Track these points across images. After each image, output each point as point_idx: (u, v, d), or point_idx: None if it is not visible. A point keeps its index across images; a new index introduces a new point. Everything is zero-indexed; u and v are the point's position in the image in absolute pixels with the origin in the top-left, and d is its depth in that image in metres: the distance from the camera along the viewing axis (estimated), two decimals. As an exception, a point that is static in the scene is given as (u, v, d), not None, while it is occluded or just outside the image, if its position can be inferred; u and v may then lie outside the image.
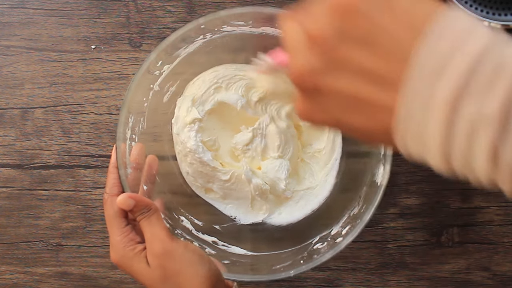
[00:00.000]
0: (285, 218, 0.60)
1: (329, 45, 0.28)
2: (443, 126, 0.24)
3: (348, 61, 0.28)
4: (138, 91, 0.54)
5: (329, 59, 0.28)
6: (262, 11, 0.53)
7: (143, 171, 0.54)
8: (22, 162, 0.63)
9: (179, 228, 0.57)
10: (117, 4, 0.64)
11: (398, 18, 0.26)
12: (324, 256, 0.52)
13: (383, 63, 0.27)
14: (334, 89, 0.29)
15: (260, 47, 0.59)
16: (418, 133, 0.26)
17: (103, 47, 0.64)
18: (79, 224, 0.63)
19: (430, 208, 0.62)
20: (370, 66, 0.27)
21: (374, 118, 0.28)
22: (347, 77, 0.28)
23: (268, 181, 0.58)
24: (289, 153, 0.59)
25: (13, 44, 0.64)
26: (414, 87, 0.25)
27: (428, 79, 0.25)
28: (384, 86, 0.27)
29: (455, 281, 0.62)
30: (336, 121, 0.30)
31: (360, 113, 0.29)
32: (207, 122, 0.59)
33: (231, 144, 0.60)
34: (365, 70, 0.27)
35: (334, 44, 0.28)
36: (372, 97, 0.27)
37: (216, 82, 0.58)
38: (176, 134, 0.59)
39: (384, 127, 0.27)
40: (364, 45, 0.27)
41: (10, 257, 0.63)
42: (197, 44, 0.57)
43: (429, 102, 0.25)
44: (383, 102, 0.27)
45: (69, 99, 0.64)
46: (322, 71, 0.29)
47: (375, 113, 0.28)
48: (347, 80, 0.28)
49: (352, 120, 0.29)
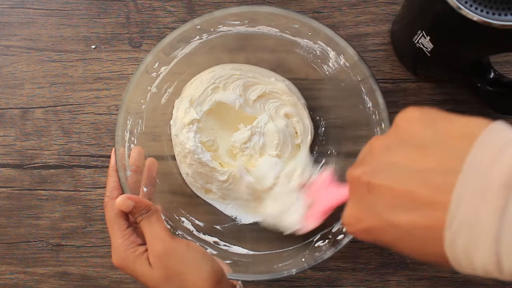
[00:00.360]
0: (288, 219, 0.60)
1: (387, 149, 0.32)
2: (497, 211, 0.26)
3: (401, 162, 0.30)
4: (136, 92, 0.54)
5: (384, 160, 0.31)
6: (257, 10, 0.53)
7: (143, 173, 0.54)
8: (22, 162, 0.63)
9: (180, 229, 0.57)
10: (117, 4, 0.64)
11: (456, 128, 0.30)
12: (326, 254, 0.52)
13: (437, 162, 0.29)
14: (387, 186, 0.31)
15: (257, 47, 0.59)
16: (471, 223, 0.27)
17: (103, 47, 0.64)
18: (79, 224, 0.63)
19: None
20: (424, 166, 0.29)
21: (424, 216, 0.29)
22: (400, 175, 0.30)
23: (258, 175, 0.58)
24: (287, 152, 0.59)
25: (13, 44, 0.64)
26: (468, 175, 0.27)
27: (482, 168, 0.27)
28: (436, 184, 0.28)
29: (455, 281, 0.62)
30: (383, 222, 0.31)
31: (409, 210, 0.30)
32: (205, 123, 0.59)
33: (230, 142, 0.60)
34: (419, 169, 0.29)
35: (392, 147, 0.32)
36: (423, 193, 0.29)
37: (214, 82, 0.59)
38: (175, 136, 0.58)
39: (433, 224, 0.28)
40: (421, 148, 0.30)
41: (10, 257, 0.63)
42: (194, 44, 0.57)
43: (483, 189, 0.26)
44: (434, 199, 0.28)
45: (69, 99, 0.64)
46: (377, 169, 0.32)
47: (426, 210, 0.29)
48: (400, 178, 0.30)
49: (400, 218, 0.30)
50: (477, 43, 0.48)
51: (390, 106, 0.53)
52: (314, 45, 0.56)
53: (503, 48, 0.48)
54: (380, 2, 0.63)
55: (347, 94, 0.56)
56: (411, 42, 0.54)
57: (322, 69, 0.59)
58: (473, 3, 0.43)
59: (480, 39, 0.47)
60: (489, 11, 0.43)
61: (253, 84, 0.60)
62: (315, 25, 0.52)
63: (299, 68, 0.60)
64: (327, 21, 0.63)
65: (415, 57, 0.57)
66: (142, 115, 0.57)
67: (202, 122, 0.58)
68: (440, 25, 0.49)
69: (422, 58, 0.55)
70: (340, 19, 0.63)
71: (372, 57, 0.63)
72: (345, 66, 0.55)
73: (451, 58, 0.54)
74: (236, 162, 0.60)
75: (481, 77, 0.55)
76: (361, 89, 0.54)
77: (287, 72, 0.61)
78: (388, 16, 0.63)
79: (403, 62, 0.62)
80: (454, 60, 0.54)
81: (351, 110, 0.57)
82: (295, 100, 0.60)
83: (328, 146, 0.61)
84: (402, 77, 0.63)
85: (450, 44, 0.51)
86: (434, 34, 0.51)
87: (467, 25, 0.44)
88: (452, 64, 0.55)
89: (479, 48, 0.50)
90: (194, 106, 0.58)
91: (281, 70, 0.61)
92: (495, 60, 0.60)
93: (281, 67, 0.61)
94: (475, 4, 0.43)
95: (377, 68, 0.62)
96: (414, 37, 0.53)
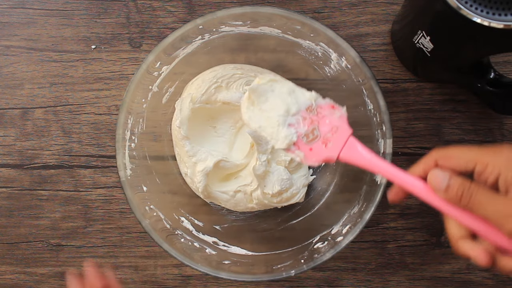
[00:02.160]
0: None
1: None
2: None
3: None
4: (137, 92, 0.54)
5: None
6: (259, 11, 0.53)
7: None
8: (22, 162, 0.63)
9: (180, 229, 0.57)
10: (117, 4, 0.64)
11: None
12: (325, 255, 0.52)
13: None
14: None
15: (258, 47, 0.59)
16: None
17: (103, 47, 0.64)
18: (79, 224, 0.63)
19: (430, 208, 0.61)
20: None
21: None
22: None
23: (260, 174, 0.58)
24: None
25: (13, 44, 0.64)
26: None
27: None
28: None
29: (455, 281, 0.62)
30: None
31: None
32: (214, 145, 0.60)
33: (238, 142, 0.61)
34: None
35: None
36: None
37: (216, 81, 0.58)
38: (185, 175, 0.60)
39: None
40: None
41: (10, 257, 0.63)
42: (196, 44, 0.57)
43: None
44: None
45: (69, 99, 0.64)
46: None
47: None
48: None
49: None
50: (477, 43, 0.48)
51: (390, 106, 0.53)
52: (316, 47, 0.56)
53: (503, 48, 0.48)
54: (380, 2, 0.63)
55: (348, 95, 0.56)
56: (411, 42, 0.54)
57: (323, 70, 0.59)
58: (473, 3, 0.43)
59: (480, 39, 0.47)
60: (489, 11, 0.43)
61: None
62: (316, 26, 0.52)
63: (299, 69, 0.60)
64: (327, 21, 0.63)
65: (415, 58, 0.58)
66: (143, 114, 0.57)
67: (209, 166, 0.57)
68: (441, 25, 0.49)
69: (422, 58, 0.55)
70: (340, 19, 0.63)
71: (372, 57, 0.63)
72: (346, 68, 0.55)
73: (451, 58, 0.54)
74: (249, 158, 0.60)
75: (481, 77, 0.55)
76: (362, 90, 0.54)
77: (287, 72, 0.61)
78: (388, 16, 0.63)
79: (403, 63, 0.62)
80: (454, 60, 0.54)
81: (352, 111, 0.56)
82: None
83: (328, 146, 0.61)
84: (402, 77, 0.63)
85: (450, 44, 0.51)
86: (434, 34, 0.51)
87: (467, 25, 0.44)
88: (452, 64, 0.55)
89: (479, 48, 0.50)
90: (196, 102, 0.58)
91: (281, 70, 0.61)
92: (495, 60, 0.60)
93: (281, 67, 0.61)
94: (475, 4, 0.43)
95: (377, 68, 0.62)
96: (414, 37, 0.53)
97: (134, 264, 0.63)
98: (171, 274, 0.62)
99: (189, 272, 0.62)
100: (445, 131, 0.62)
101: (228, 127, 0.61)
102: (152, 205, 0.55)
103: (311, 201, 0.61)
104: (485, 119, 0.62)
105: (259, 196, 0.58)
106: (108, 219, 0.63)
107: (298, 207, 0.61)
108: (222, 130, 0.61)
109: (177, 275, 0.62)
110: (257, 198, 0.58)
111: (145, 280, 0.62)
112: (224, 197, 0.59)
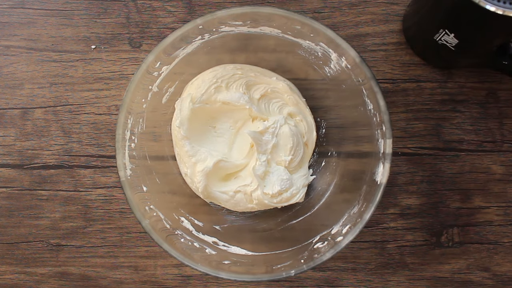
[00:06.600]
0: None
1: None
2: None
3: None
4: (137, 92, 0.54)
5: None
6: (259, 11, 0.53)
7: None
8: (22, 162, 0.63)
9: (180, 229, 0.57)
10: (117, 4, 0.64)
11: None
12: (325, 255, 0.52)
13: None
14: None
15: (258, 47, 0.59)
16: None
17: (103, 47, 0.64)
18: (79, 224, 0.63)
19: (430, 208, 0.62)
20: None
21: None
22: None
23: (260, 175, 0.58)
24: (299, 155, 0.60)
25: (13, 44, 0.64)
26: None
27: None
28: None
29: (455, 281, 0.62)
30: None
31: None
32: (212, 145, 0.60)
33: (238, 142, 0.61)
34: None
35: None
36: None
37: (216, 81, 0.59)
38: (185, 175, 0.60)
39: None
40: None
41: (10, 257, 0.63)
42: (196, 44, 0.57)
43: None
44: None
45: (69, 99, 0.64)
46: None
47: None
48: None
49: None
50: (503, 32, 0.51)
51: (390, 106, 0.53)
52: (316, 47, 0.56)
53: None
54: (380, 2, 0.63)
55: (348, 95, 0.56)
56: (432, 40, 0.56)
57: (323, 70, 0.59)
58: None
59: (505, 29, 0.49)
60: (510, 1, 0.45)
61: (255, 83, 0.60)
62: (316, 26, 0.52)
63: (299, 69, 0.60)
64: (327, 21, 0.63)
65: (438, 53, 0.59)
66: (143, 114, 0.57)
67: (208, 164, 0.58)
68: (464, 21, 0.51)
69: (446, 53, 0.57)
70: (340, 19, 0.63)
71: (372, 57, 0.63)
72: (346, 68, 0.55)
73: (479, 47, 0.56)
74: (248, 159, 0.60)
75: (503, 54, 0.56)
76: (362, 90, 0.54)
77: (287, 72, 0.61)
78: (388, 16, 0.63)
79: (422, 57, 0.63)
80: (480, 49, 0.56)
81: (351, 111, 0.57)
82: (297, 99, 0.60)
83: (328, 147, 0.61)
84: (402, 77, 0.63)
85: (475, 37, 0.53)
86: (459, 31, 0.52)
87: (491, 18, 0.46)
88: (479, 52, 0.57)
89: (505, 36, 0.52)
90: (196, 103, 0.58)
91: (280, 70, 0.61)
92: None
93: (280, 67, 0.61)
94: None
95: (377, 68, 0.62)
96: (435, 35, 0.55)
97: (134, 264, 0.63)
98: (171, 274, 0.62)
99: (189, 272, 0.62)
100: (445, 131, 0.62)
101: (228, 127, 0.61)
102: (152, 205, 0.55)
103: (311, 201, 0.61)
104: (485, 119, 0.62)
105: (259, 196, 0.58)
106: (108, 219, 0.63)
107: (298, 207, 0.61)
108: (222, 130, 0.61)
109: (177, 275, 0.62)
110: (257, 198, 0.58)
111: (145, 280, 0.62)
112: (224, 197, 0.59)
